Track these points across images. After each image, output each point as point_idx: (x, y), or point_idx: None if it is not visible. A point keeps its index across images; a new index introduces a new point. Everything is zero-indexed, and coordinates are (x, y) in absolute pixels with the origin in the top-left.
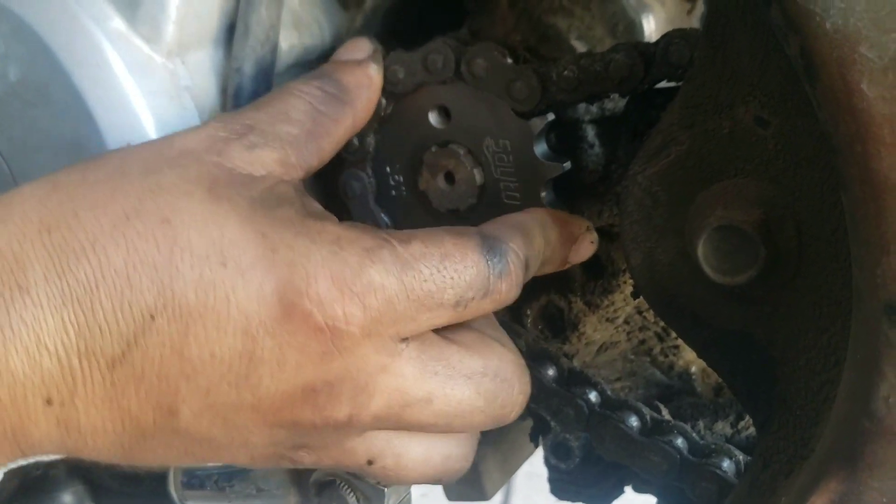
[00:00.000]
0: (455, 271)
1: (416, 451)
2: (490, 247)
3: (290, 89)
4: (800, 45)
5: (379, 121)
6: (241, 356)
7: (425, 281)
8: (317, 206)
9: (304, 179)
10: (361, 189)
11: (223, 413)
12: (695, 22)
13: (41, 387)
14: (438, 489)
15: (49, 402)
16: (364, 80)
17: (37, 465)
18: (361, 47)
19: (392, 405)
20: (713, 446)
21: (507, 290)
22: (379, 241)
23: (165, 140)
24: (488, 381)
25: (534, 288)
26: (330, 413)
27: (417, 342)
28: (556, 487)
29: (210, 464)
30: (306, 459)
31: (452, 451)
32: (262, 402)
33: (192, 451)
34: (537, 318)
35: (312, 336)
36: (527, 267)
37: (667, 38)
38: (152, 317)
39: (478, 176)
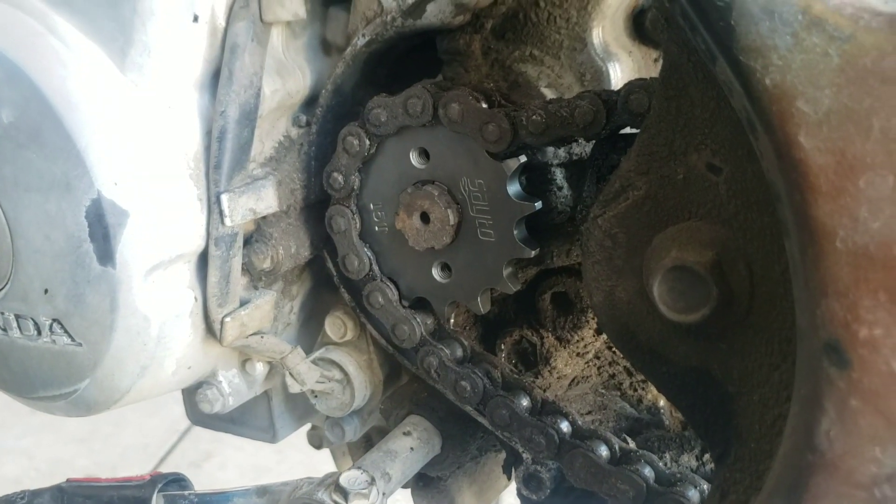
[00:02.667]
0: None
1: None
2: None
3: None
4: (743, 100)
5: (363, 160)
6: None
7: None
8: None
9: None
10: (346, 224)
11: None
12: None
13: None
14: None
15: None
16: None
17: (21, 494)
18: None
19: None
20: (678, 475)
21: None
22: None
23: None
24: None
25: (506, 323)
26: None
27: None
28: None
29: None
30: None
31: None
32: None
33: None
34: (510, 353)
35: None
36: None
37: (628, 87)
38: None
39: (452, 216)
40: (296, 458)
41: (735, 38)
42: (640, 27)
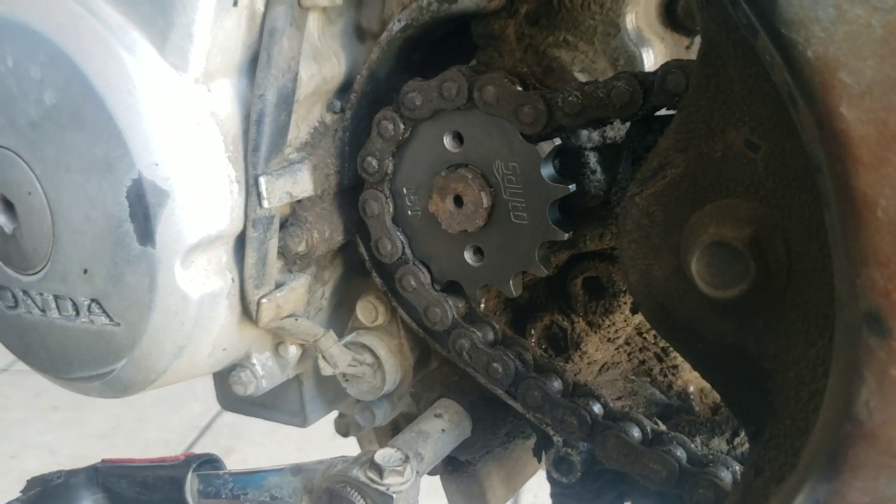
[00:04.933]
0: None
1: None
2: None
3: None
4: (784, 73)
5: (397, 144)
6: None
7: None
8: None
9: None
10: (379, 208)
11: None
12: (692, 56)
13: None
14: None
15: None
16: None
17: (58, 474)
18: None
19: None
20: (711, 456)
21: None
22: None
23: None
24: None
25: (537, 307)
26: None
27: None
28: (558, 502)
29: None
30: None
31: None
32: None
33: None
34: (541, 338)
35: None
36: None
37: (664, 68)
38: None
39: (485, 198)
40: (315, 454)
41: (777, 11)
42: (671, 15)
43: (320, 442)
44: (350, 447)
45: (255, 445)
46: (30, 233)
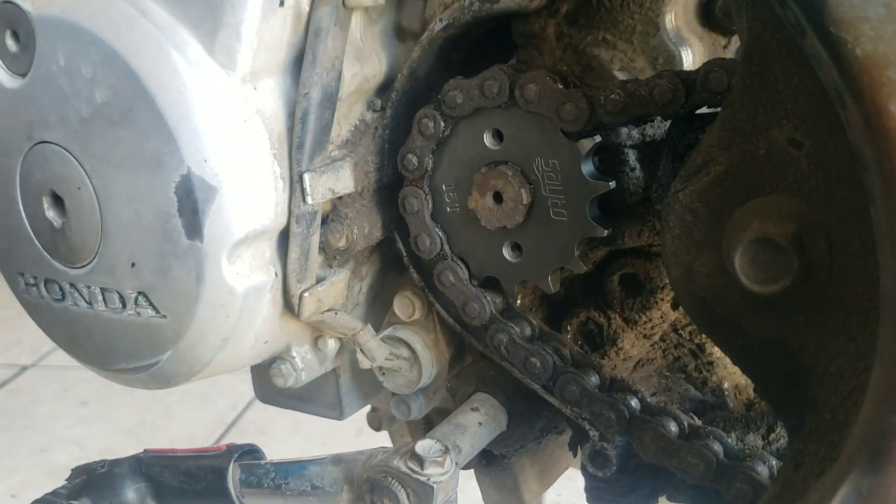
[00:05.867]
0: None
1: None
2: None
3: None
4: (833, 71)
5: (437, 142)
6: None
7: None
8: None
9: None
10: (419, 205)
11: None
12: (729, 56)
13: None
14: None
15: None
16: None
17: (101, 463)
18: None
19: None
20: (748, 451)
21: None
22: None
23: None
24: None
25: (573, 304)
26: None
27: None
28: (593, 496)
29: None
30: None
31: None
32: None
33: None
34: (577, 334)
35: None
36: None
37: (706, 67)
38: None
39: (525, 195)
40: (339, 450)
41: (826, 10)
42: (709, 14)
43: (345, 438)
44: (376, 443)
45: (281, 442)
46: (78, 227)
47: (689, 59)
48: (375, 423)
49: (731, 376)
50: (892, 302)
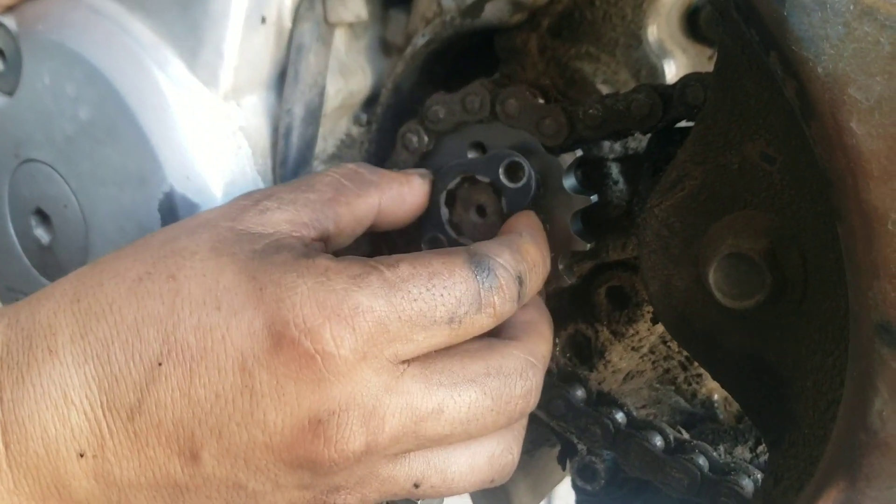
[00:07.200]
0: (444, 288)
1: (458, 461)
2: (478, 262)
3: (325, 170)
4: (795, 88)
5: (421, 156)
6: (242, 392)
7: (415, 300)
8: (317, 248)
9: (324, 241)
10: None
11: (242, 454)
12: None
13: (72, 440)
14: None
15: (82, 455)
16: (400, 177)
17: None
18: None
19: (406, 423)
20: (733, 465)
21: (501, 303)
22: (366, 268)
23: (194, 216)
24: (492, 380)
25: (561, 317)
26: (344, 445)
27: (419, 360)
28: None
29: None
30: (350, 500)
31: (494, 450)
32: (273, 438)
33: (233, 501)
34: (565, 346)
35: (304, 363)
36: (520, 281)
37: (684, 80)
38: (159, 363)
39: (507, 209)
40: None
41: (788, 29)
42: (694, 26)
43: None
44: None
45: None
46: (66, 244)
47: (673, 71)
48: None
49: (719, 388)
50: (858, 320)
